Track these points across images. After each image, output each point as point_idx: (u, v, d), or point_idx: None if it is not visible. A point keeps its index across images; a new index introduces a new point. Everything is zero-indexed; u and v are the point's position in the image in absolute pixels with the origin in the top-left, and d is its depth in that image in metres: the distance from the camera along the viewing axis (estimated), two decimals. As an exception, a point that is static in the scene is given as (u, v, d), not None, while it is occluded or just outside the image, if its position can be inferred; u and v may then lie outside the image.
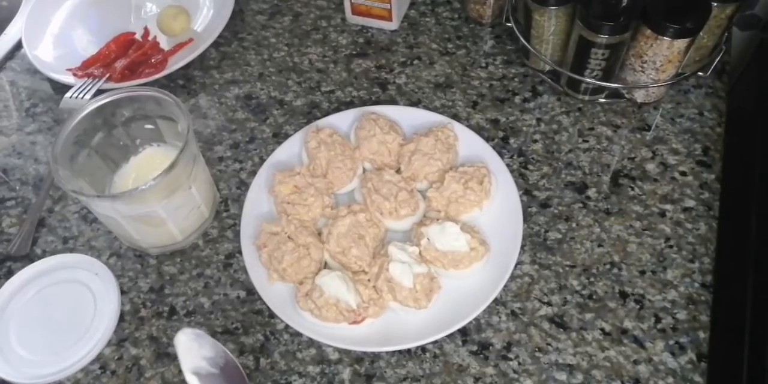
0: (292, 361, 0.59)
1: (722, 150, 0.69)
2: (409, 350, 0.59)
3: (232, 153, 0.74)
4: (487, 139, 0.70)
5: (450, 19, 0.84)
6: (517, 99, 0.75)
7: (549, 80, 0.75)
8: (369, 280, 0.60)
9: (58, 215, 0.71)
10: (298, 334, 0.60)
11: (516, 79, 0.77)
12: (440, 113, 0.72)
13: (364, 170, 0.69)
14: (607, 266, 0.62)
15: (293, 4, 0.88)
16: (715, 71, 0.73)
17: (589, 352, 0.58)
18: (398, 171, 0.67)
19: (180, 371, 0.59)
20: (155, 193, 0.58)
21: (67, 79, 0.79)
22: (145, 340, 0.62)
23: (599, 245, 0.64)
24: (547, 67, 0.75)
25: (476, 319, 0.60)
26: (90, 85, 0.76)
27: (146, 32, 0.85)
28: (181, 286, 0.65)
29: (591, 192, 0.67)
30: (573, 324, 0.59)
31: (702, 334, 0.58)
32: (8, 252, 0.68)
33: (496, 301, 0.61)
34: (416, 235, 0.62)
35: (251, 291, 0.63)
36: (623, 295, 0.61)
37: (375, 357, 0.59)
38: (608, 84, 0.69)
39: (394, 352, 0.59)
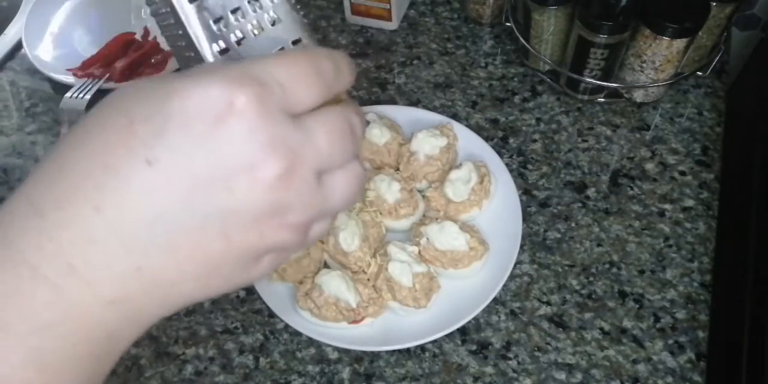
0: (291, 361, 0.59)
1: (721, 149, 0.69)
2: (408, 349, 0.59)
3: (232, 153, 0.74)
4: (487, 139, 0.70)
5: (449, 19, 0.84)
6: (517, 99, 0.75)
7: (548, 80, 0.75)
8: (368, 280, 0.60)
9: (58, 215, 0.71)
10: (298, 334, 0.60)
11: (515, 79, 0.77)
12: (440, 113, 0.72)
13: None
14: (607, 266, 0.63)
15: (293, 4, 0.88)
16: (714, 71, 0.73)
17: (588, 352, 0.58)
18: (398, 170, 0.67)
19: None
20: None
21: (67, 79, 0.79)
22: (145, 340, 0.61)
23: (598, 245, 0.64)
24: (547, 67, 0.75)
25: (475, 319, 0.60)
26: (90, 85, 0.76)
27: (146, 32, 0.85)
28: (180, 285, 0.65)
29: (590, 191, 0.67)
30: (572, 323, 0.59)
31: (701, 334, 0.58)
32: (8, 252, 0.68)
33: (495, 300, 0.61)
34: (416, 235, 0.62)
35: (251, 290, 0.63)
36: (622, 295, 0.61)
37: (374, 356, 0.59)
38: (607, 84, 0.70)
39: (393, 351, 0.59)
